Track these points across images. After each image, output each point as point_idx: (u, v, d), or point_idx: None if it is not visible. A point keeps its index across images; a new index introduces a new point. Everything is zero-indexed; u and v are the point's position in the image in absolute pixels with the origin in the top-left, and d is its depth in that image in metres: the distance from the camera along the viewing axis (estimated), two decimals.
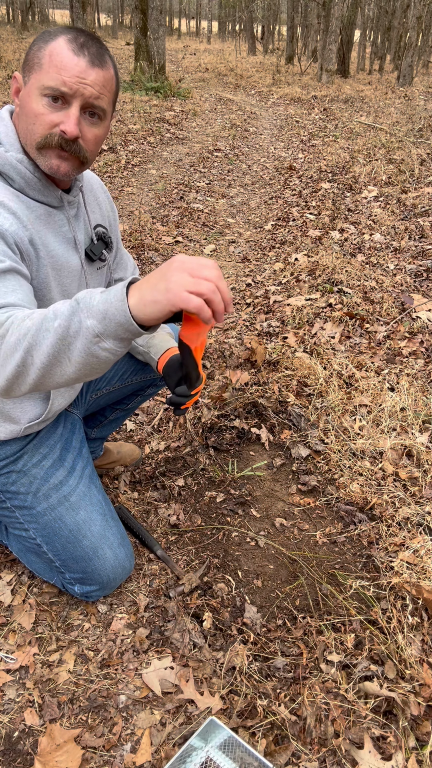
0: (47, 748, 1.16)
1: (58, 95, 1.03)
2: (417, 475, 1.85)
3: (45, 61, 1.03)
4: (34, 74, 1.04)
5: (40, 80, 1.03)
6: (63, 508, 1.33)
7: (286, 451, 1.99)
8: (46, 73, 1.02)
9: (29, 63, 1.06)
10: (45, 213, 1.14)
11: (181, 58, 19.99)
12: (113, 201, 1.62)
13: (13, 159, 1.07)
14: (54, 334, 0.83)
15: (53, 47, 1.03)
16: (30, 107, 1.05)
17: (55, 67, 1.02)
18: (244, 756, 1.13)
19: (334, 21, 14.02)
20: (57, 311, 0.85)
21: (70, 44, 1.03)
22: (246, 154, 7.32)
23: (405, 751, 1.16)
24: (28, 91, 1.05)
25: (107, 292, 0.84)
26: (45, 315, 0.86)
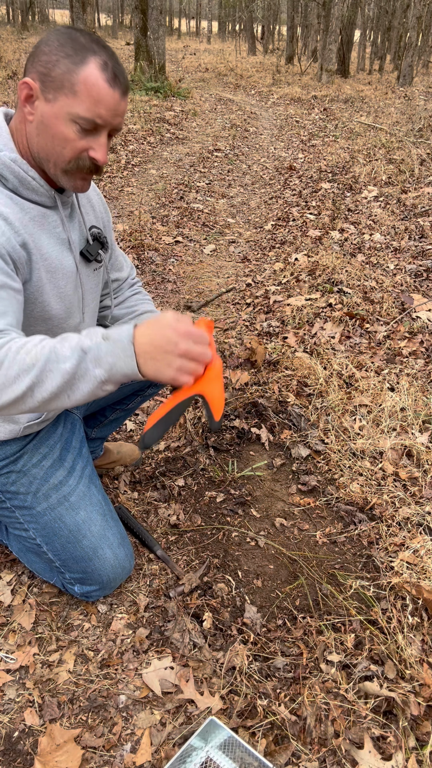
0: (47, 748, 1.16)
1: (90, 126, 1.04)
2: (417, 475, 1.85)
3: (80, 89, 1.01)
4: (65, 98, 1.02)
5: (73, 107, 1.02)
6: (63, 508, 1.33)
7: (286, 451, 1.99)
8: (81, 102, 1.02)
9: (56, 81, 1.02)
10: (39, 214, 1.14)
11: (181, 58, 19.99)
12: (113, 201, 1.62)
13: (7, 158, 1.07)
14: (60, 376, 0.90)
15: (88, 75, 1.01)
16: (59, 130, 1.04)
17: (92, 99, 1.02)
18: (244, 756, 1.13)
19: (334, 21, 14.02)
20: (61, 354, 0.90)
21: (103, 74, 1.02)
22: (246, 154, 7.32)
23: (405, 751, 1.16)
24: (55, 113, 1.03)
25: (113, 343, 0.92)
26: (48, 355, 0.90)
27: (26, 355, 0.90)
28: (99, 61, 1.02)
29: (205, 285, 3.52)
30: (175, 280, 3.50)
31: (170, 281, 3.49)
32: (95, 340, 0.93)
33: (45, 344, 0.92)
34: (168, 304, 3.19)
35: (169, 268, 3.65)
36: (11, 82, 9.53)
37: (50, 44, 1.03)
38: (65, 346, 0.92)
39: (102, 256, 1.35)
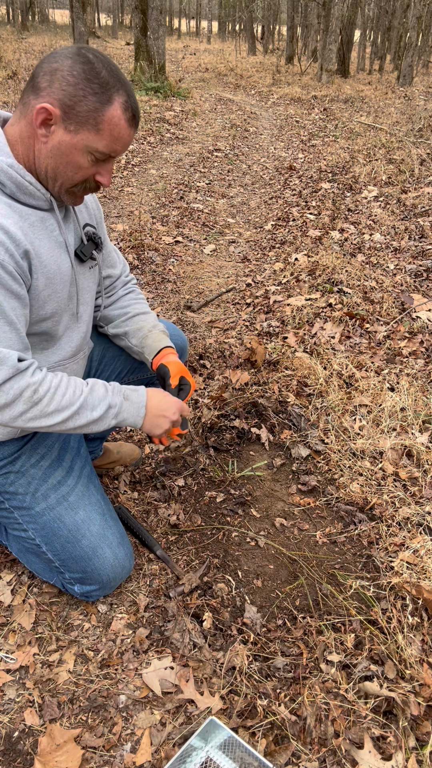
0: (47, 748, 1.16)
1: (105, 158, 1.12)
2: (417, 475, 1.85)
3: (103, 128, 1.08)
4: (87, 133, 1.07)
5: (93, 142, 1.09)
6: (62, 508, 1.33)
7: (286, 451, 1.99)
8: (102, 139, 1.09)
9: (81, 116, 1.06)
10: (38, 220, 1.15)
11: (181, 58, 19.99)
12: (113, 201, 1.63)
13: (4, 164, 1.07)
14: (86, 420, 1.21)
15: (112, 116, 1.08)
16: (74, 159, 1.10)
17: (113, 138, 1.10)
18: (244, 756, 1.13)
19: (334, 21, 14.02)
20: (90, 404, 1.21)
21: (125, 114, 1.09)
22: (246, 154, 7.32)
23: (405, 751, 1.16)
24: (75, 144, 1.08)
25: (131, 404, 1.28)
26: (82, 402, 1.20)
27: (62, 397, 1.17)
28: (122, 101, 1.08)
29: (205, 285, 3.52)
30: (175, 280, 3.50)
31: (170, 281, 3.49)
32: (119, 399, 1.25)
33: (77, 389, 1.20)
34: (168, 304, 3.19)
35: (169, 268, 3.65)
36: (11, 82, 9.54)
37: (75, 75, 1.05)
38: (95, 396, 1.21)
39: (96, 256, 1.36)
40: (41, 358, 1.28)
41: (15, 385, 1.10)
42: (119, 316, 1.55)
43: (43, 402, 1.14)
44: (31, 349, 1.25)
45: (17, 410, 1.13)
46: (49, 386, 1.15)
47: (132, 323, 1.54)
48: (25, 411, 1.13)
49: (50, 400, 1.15)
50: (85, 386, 1.22)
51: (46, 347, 1.28)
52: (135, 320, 1.54)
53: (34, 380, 1.13)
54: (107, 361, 1.63)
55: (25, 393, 1.12)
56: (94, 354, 1.59)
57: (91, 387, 1.22)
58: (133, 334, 1.53)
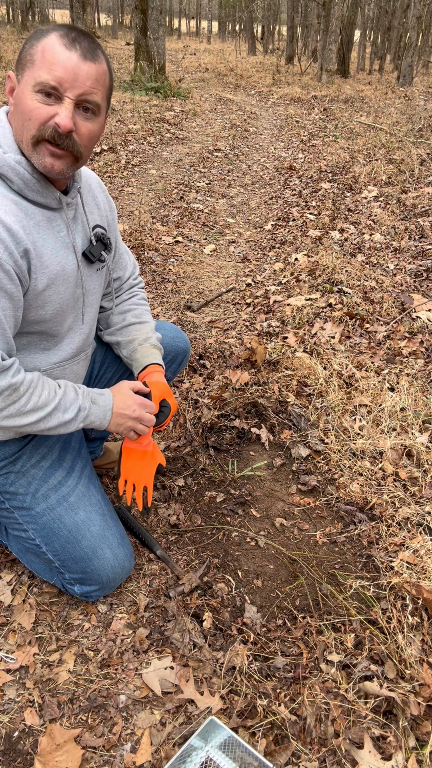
0: (47, 748, 1.16)
1: (50, 90, 1.04)
2: (417, 475, 1.85)
3: (37, 57, 1.04)
4: (27, 71, 1.05)
5: (33, 76, 1.04)
6: (62, 508, 1.33)
7: (286, 451, 1.99)
8: (38, 68, 1.03)
9: (22, 61, 1.07)
10: (44, 219, 1.14)
11: (181, 58, 19.99)
12: (113, 201, 1.62)
13: (12, 160, 1.07)
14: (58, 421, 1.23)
15: (45, 43, 1.04)
16: (24, 104, 1.05)
17: (47, 62, 1.03)
18: (244, 756, 1.13)
19: (334, 21, 14.02)
20: (63, 407, 1.23)
21: (61, 39, 1.04)
22: (246, 154, 7.32)
23: (405, 751, 1.16)
24: (21, 89, 1.06)
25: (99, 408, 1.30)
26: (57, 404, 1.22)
27: (38, 397, 1.19)
28: (60, 32, 1.05)
29: (205, 285, 3.52)
30: (175, 280, 3.50)
31: (170, 281, 3.49)
32: (87, 403, 1.27)
33: (51, 390, 1.22)
34: (168, 304, 3.19)
35: (169, 268, 3.65)
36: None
37: (30, 38, 1.08)
38: (67, 399, 1.24)
39: (105, 257, 1.34)
40: (42, 357, 1.28)
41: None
42: (116, 324, 1.54)
43: (21, 401, 1.16)
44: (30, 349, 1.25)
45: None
46: (28, 386, 1.17)
47: (125, 333, 1.53)
48: (3, 408, 1.15)
49: (28, 400, 1.17)
50: (58, 388, 1.24)
51: (48, 347, 1.28)
52: (128, 330, 1.52)
53: (14, 380, 1.14)
54: (109, 363, 1.62)
55: (6, 391, 1.13)
56: (96, 355, 1.58)
57: (64, 389, 1.24)
58: (124, 345, 1.52)
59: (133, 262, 1.58)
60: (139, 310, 1.56)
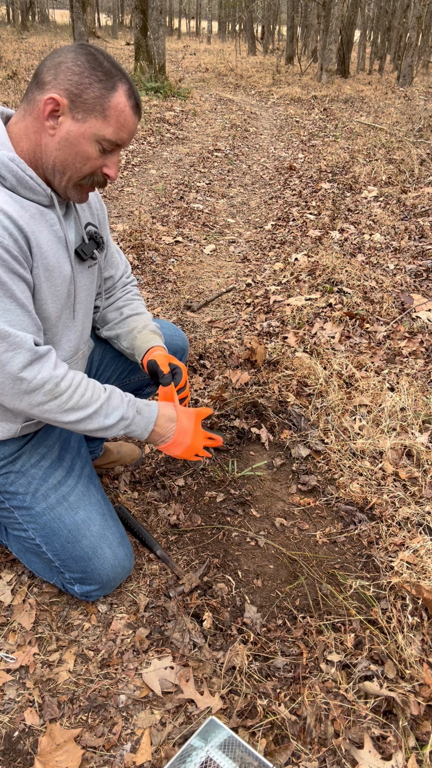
0: (47, 748, 1.16)
1: (112, 148, 1.13)
2: (417, 475, 1.85)
3: (110, 114, 1.09)
4: (95, 121, 1.09)
5: (101, 130, 1.09)
6: (62, 508, 1.33)
7: (286, 451, 1.99)
8: (109, 126, 1.10)
9: (88, 104, 1.07)
10: (38, 212, 1.15)
11: (181, 58, 19.99)
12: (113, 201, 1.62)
13: (5, 157, 1.07)
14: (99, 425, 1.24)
15: (118, 102, 1.09)
16: (83, 149, 1.10)
17: (119, 125, 1.11)
18: (244, 756, 1.13)
19: (334, 21, 14.02)
20: (104, 412, 1.24)
21: (130, 101, 1.11)
22: (246, 154, 7.32)
23: (405, 750, 1.16)
24: (83, 133, 1.09)
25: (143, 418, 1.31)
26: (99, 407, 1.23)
27: (81, 397, 1.20)
28: (126, 88, 1.10)
29: (205, 285, 3.52)
30: (175, 280, 3.50)
31: (170, 281, 3.49)
32: (132, 412, 1.29)
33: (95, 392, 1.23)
34: (168, 304, 3.19)
35: (169, 268, 3.65)
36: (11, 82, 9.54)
37: (80, 65, 1.06)
38: (111, 405, 1.25)
39: (97, 255, 1.35)
40: None
41: (39, 374, 1.13)
42: (113, 319, 1.55)
43: (63, 398, 1.17)
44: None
45: (36, 399, 1.15)
46: (70, 383, 1.18)
47: (123, 325, 1.53)
48: (44, 402, 1.15)
49: (69, 398, 1.17)
50: (103, 392, 1.25)
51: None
52: (126, 322, 1.53)
53: (57, 373, 1.15)
54: (107, 362, 1.62)
55: (47, 385, 1.14)
56: (94, 355, 1.58)
57: (109, 394, 1.26)
58: (124, 336, 1.52)
59: (125, 261, 1.58)
60: (134, 304, 1.57)
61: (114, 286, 1.55)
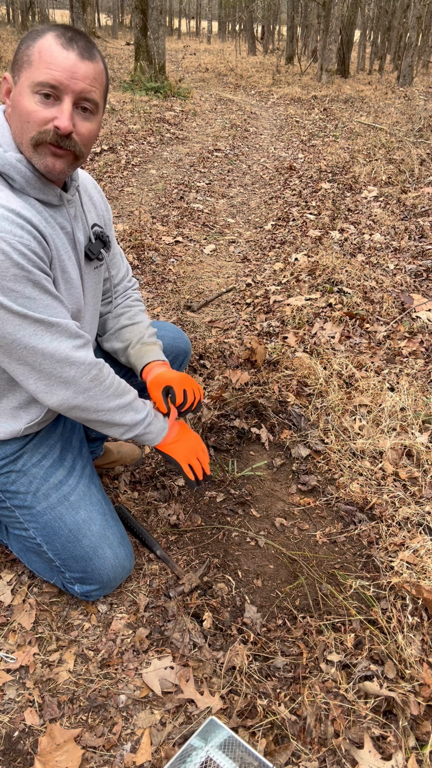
0: (47, 748, 1.16)
1: (49, 91, 1.03)
2: (417, 475, 1.85)
3: (34, 58, 1.03)
4: (24, 72, 1.05)
5: (30, 77, 1.03)
6: (63, 507, 1.33)
7: (286, 451, 1.99)
8: (36, 69, 1.03)
9: (18, 62, 1.06)
10: (49, 215, 1.15)
11: (181, 58, 19.99)
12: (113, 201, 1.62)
13: (13, 159, 1.07)
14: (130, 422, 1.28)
15: (42, 44, 1.03)
16: (22, 105, 1.04)
17: (45, 62, 1.02)
18: (244, 756, 1.13)
19: (334, 21, 14.02)
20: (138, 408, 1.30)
21: (58, 39, 1.03)
22: (246, 154, 7.32)
23: (405, 750, 1.16)
24: (19, 90, 1.06)
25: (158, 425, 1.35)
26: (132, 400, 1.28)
27: (119, 384, 1.25)
28: (56, 31, 1.04)
29: (205, 285, 3.52)
30: (175, 280, 3.50)
31: (170, 281, 3.49)
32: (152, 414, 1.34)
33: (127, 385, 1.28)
34: (168, 304, 3.19)
35: (169, 268, 3.65)
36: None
37: (25, 39, 1.07)
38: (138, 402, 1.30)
39: (103, 255, 1.35)
40: None
41: (87, 357, 1.16)
42: (110, 328, 1.54)
43: (107, 382, 1.21)
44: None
45: (83, 384, 1.17)
46: (109, 370, 1.23)
47: (120, 338, 1.51)
48: (90, 388, 1.18)
49: (111, 383, 1.22)
50: (132, 388, 1.30)
51: None
52: (122, 334, 1.51)
53: (98, 360, 1.20)
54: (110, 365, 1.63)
55: (93, 369, 1.17)
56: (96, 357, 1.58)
57: (136, 392, 1.30)
58: (121, 353, 1.52)
59: (127, 266, 1.58)
60: (132, 311, 1.55)
61: (115, 290, 1.54)
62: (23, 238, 1.04)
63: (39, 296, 1.08)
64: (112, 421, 1.25)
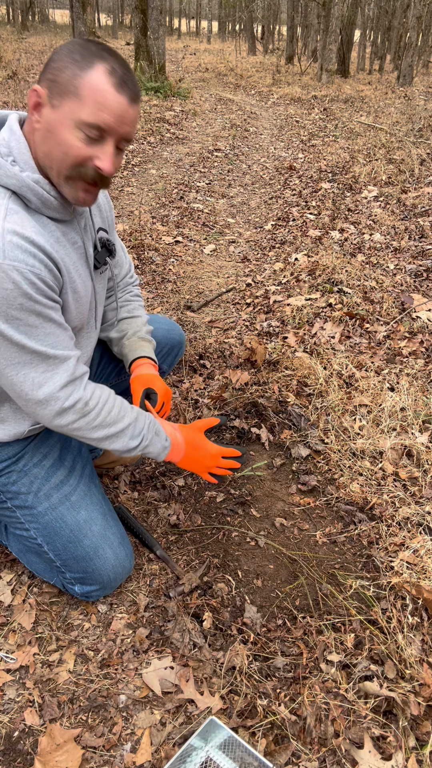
0: (47, 748, 1.16)
1: (96, 134, 1.01)
2: (417, 475, 1.85)
3: (84, 94, 0.98)
4: (70, 103, 0.99)
5: (77, 113, 0.99)
6: (64, 507, 1.33)
7: (286, 451, 1.99)
8: (85, 107, 0.99)
9: (61, 87, 1.00)
10: (61, 233, 1.14)
11: (181, 58, 19.99)
12: (113, 201, 1.63)
13: (30, 180, 1.04)
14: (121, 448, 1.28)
15: (93, 79, 0.98)
16: (63, 137, 1.01)
17: (96, 103, 0.99)
18: (244, 756, 1.13)
19: (334, 21, 14.02)
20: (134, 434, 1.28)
21: (110, 78, 0.99)
22: (246, 154, 7.32)
23: (405, 750, 1.16)
24: (60, 119, 1.00)
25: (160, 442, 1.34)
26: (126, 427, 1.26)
27: (108, 414, 1.23)
28: (106, 66, 1.00)
29: (205, 285, 3.52)
30: (175, 280, 3.50)
31: (170, 281, 3.49)
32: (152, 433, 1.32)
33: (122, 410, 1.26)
34: (168, 304, 3.19)
35: (169, 268, 3.65)
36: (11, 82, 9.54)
37: (61, 53, 1.02)
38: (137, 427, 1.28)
39: (109, 261, 1.36)
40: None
41: (72, 394, 1.16)
42: (109, 319, 1.56)
43: (91, 415, 1.20)
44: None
45: (67, 419, 1.18)
46: (97, 401, 1.21)
47: (116, 329, 1.55)
48: (74, 421, 1.19)
49: (97, 415, 1.21)
50: (131, 411, 1.28)
51: None
52: (120, 325, 1.55)
53: (86, 393, 1.19)
54: (106, 362, 1.63)
55: (78, 404, 1.17)
56: (94, 354, 1.59)
57: (136, 416, 1.29)
58: (115, 342, 1.55)
59: (129, 261, 1.59)
60: (132, 306, 1.58)
61: (116, 285, 1.56)
62: (35, 267, 1.03)
63: (42, 324, 1.09)
64: (102, 446, 1.27)
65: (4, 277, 0.99)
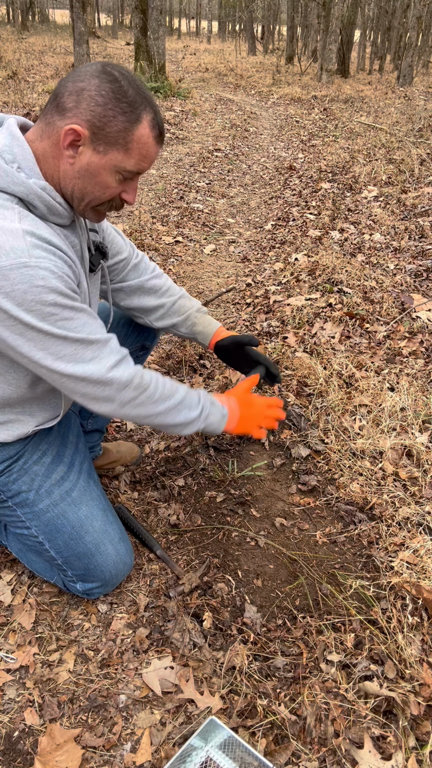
0: (47, 748, 1.16)
1: (131, 176, 1.12)
2: (417, 475, 1.85)
3: (132, 147, 1.08)
4: (117, 153, 1.07)
5: (122, 162, 1.08)
6: (65, 504, 1.33)
7: (286, 451, 1.99)
8: (130, 158, 1.09)
9: (110, 137, 1.05)
10: (64, 237, 1.16)
11: (181, 58, 19.99)
12: None
13: (37, 187, 1.06)
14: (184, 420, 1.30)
15: (141, 135, 1.07)
16: (103, 179, 1.10)
17: (141, 155, 1.10)
18: (244, 756, 1.13)
19: (334, 21, 14.02)
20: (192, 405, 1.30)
21: (153, 131, 1.09)
22: (246, 154, 7.32)
23: (405, 750, 1.16)
24: (104, 165, 1.08)
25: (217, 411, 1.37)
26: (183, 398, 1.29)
27: (164, 387, 1.26)
28: (150, 119, 1.08)
29: (205, 285, 3.52)
30: (175, 280, 3.50)
31: None
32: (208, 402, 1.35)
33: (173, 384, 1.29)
34: None
35: (169, 268, 3.65)
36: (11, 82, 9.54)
37: (103, 95, 1.03)
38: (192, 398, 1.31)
39: (102, 265, 1.36)
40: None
41: (126, 372, 1.18)
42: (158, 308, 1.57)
43: (150, 389, 1.22)
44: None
45: (128, 395, 1.19)
46: (150, 375, 1.24)
47: (174, 314, 1.59)
48: (135, 397, 1.20)
49: (155, 388, 1.23)
50: (181, 386, 1.31)
51: None
52: (175, 309, 1.59)
53: (137, 369, 1.22)
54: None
55: (135, 380, 1.19)
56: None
57: (187, 389, 1.31)
58: (180, 324, 1.59)
59: (129, 243, 1.56)
60: (172, 288, 1.61)
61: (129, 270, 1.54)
62: (57, 263, 1.07)
63: (76, 316, 1.11)
64: (165, 423, 1.28)
65: (33, 275, 1.01)
